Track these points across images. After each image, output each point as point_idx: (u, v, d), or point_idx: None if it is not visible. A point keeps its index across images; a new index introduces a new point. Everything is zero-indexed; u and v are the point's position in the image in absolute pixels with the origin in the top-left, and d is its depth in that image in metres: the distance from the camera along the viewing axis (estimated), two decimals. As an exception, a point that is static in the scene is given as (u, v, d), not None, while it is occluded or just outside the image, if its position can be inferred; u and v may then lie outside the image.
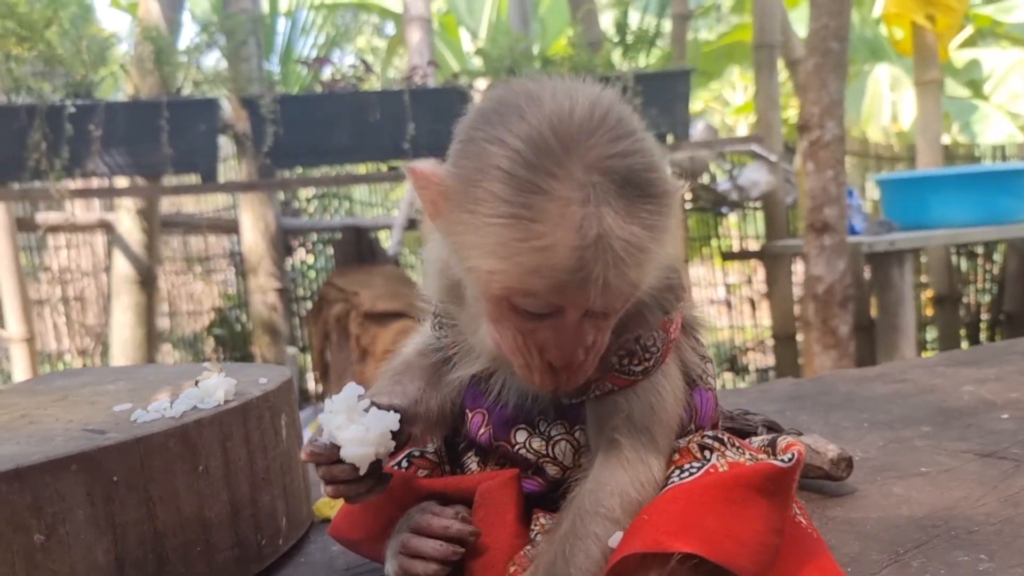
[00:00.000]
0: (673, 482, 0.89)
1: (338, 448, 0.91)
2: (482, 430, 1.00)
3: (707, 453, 0.93)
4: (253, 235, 5.40)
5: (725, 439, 0.96)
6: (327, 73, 4.61)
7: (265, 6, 5.89)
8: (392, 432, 0.93)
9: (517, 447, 0.98)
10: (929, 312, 6.74)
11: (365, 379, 4.47)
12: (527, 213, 0.76)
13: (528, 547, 0.94)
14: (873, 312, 5.59)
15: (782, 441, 1.05)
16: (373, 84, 4.57)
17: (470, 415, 1.02)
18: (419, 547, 0.93)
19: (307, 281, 6.58)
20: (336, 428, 0.91)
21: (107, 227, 5.56)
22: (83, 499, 1.00)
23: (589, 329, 0.83)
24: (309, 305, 6.13)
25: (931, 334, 6.78)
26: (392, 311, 4.34)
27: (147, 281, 4.97)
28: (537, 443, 0.97)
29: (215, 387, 1.18)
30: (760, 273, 6.84)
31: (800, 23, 6.85)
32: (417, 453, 1.10)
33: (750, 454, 0.97)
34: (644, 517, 0.85)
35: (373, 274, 4.76)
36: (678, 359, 0.99)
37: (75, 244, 6.01)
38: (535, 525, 0.97)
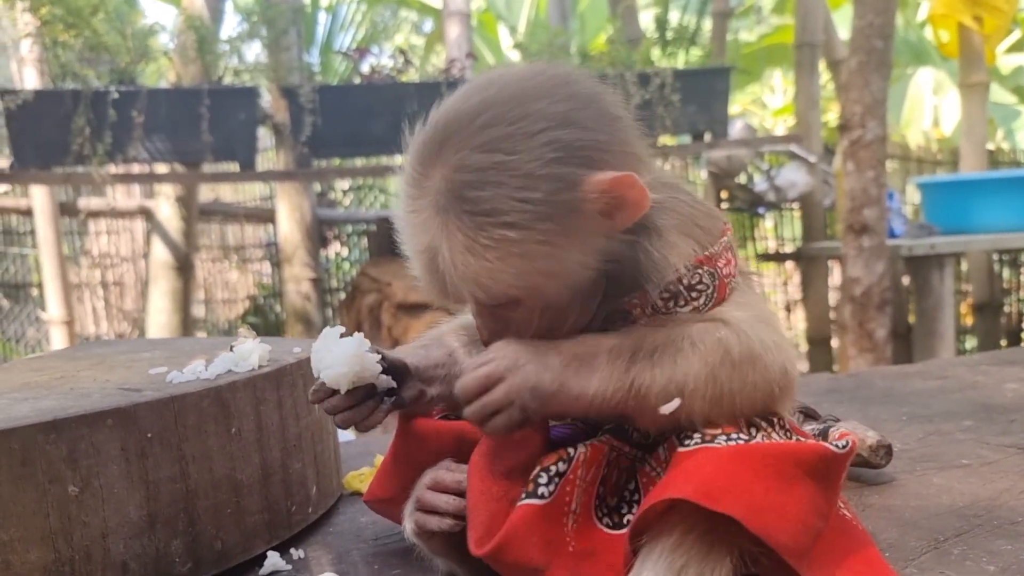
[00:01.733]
0: (719, 443, 0.87)
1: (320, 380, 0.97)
2: None
3: (752, 431, 0.91)
4: (289, 225, 5.44)
5: (775, 420, 0.94)
6: (366, 65, 4.63)
7: (307, 3, 5.94)
8: (386, 370, 0.98)
9: None
10: (968, 321, 6.61)
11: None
12: (397, 212, 0.89)
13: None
14: (911, 318, 5.50)
15: (835, 431, 1.03)
16: (411, 77, 4.58)
17: None
18: (434, 502, 0.94)
19: (340, 272, 6.62)
20: (317, 362, 0.97)
21: (147, 214, 5.64)
22: (117, 454, 1.00)
23: (501, 314, 0.90)
24: (342, 296, 6.16)
25: (970, 343, 6.66)
26: (424, 303, 4.36)
27: (184, 268, 5.03)
28: None
29: (250, 352, 1.19)
30: (795, 276, 6.76)
31: (843, 24, 6.76)
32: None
33: (798, 437, 0.95)
34: (700, 465, 0.83)
35: (406, 266, 4.77)
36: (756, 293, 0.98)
37: (115, 230, 6.10)
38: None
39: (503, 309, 0.89)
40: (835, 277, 6.20)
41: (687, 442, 0.88)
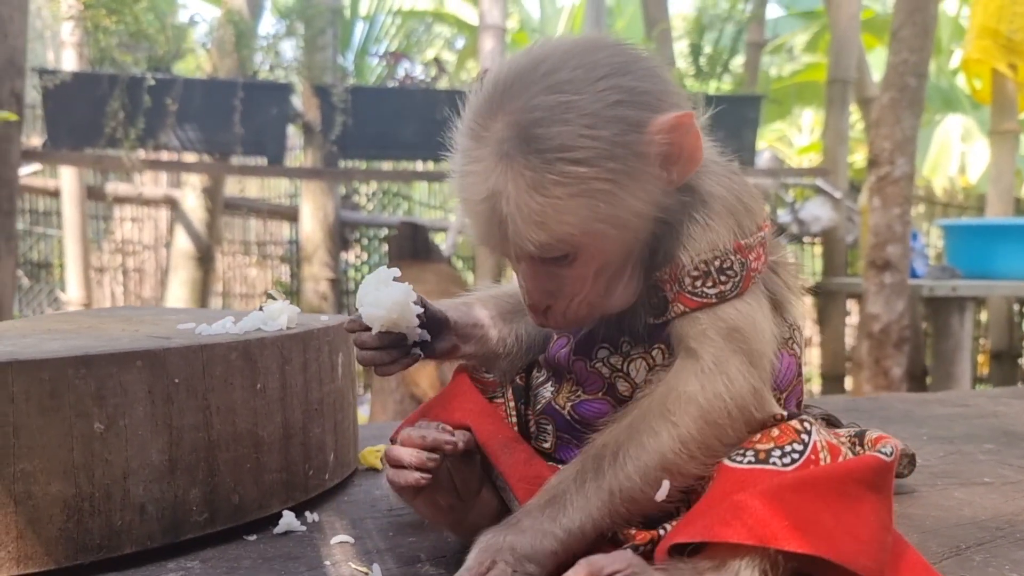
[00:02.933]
0: (774, 463, 0.86)
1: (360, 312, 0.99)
2: (563, 348, 1.00)
3: (806, 426, 0.90)
4: (312, 224, 5.47)
5: (816, 420, 0.94)
6: (402, 70, 4.67)
7: (346, 5, 6.00)
8: (424, 324, 0.99)
9: (594, 361, 0.98)
10: (984, 370, 6.55)
11: (409, 374, 4.49)
12: (454, 169, 0.89)
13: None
14: (927, 360, 5.46)
15: (871, 433, 1.03)
16: (444, 84, 4.62)
17: (556, 337, 1.03)
18: (399, 456, 0.94)
19: (360, 276, 6.64)
20: (363, 295, 0.98)
21: (172, 203, 5.68)
22: (144, 396, 1.01)
23: (553, 272, 0.89)
24: (359, 299, 6.19)
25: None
26: (441, 308, 4.35)
27: (205, 259, 5.06)
28: (615, 359, 0.97)
29: (279, 312, 1.19)
30: (812, 312, 6.73)
31: (875, 65, 6.77)
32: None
33: (840, 439, 0.95)
34: (752, 502, 0.81)
35: (426, 270, 4.78)
36: (767, 296, 0.97)
37: (140, 217, 6.15)
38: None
39: (558, 265, 0.89)
40: (853, 316, 6.17)
41: (738, 458, 0.87)
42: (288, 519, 1.12)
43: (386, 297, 0.96)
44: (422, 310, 0.98)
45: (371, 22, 6.73)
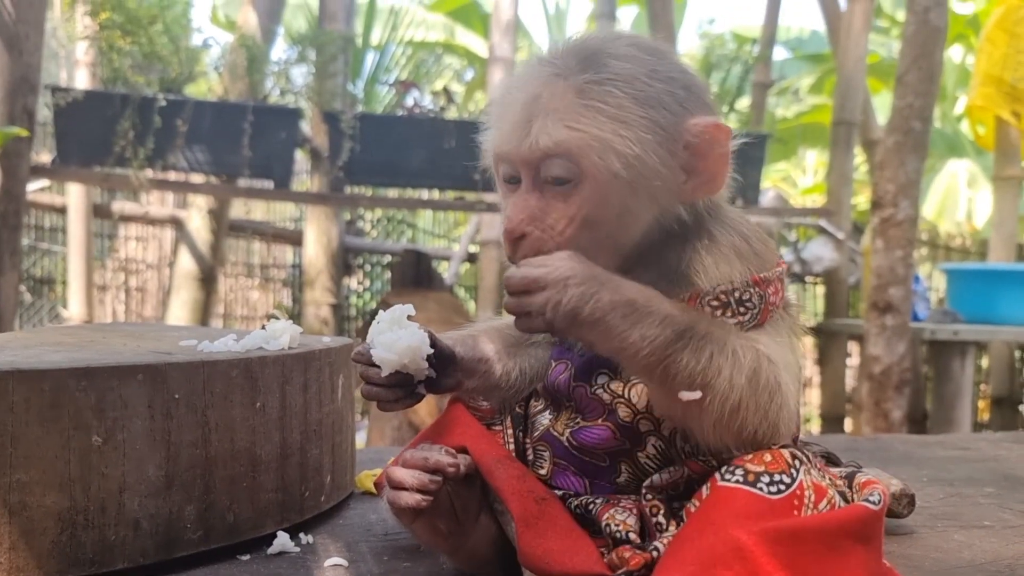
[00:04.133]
0: (761, 489, 0.87)
1: (372, 350, 0.99)
2: (562, 375, 1.00)
3: (797, 463, 0.90)
4: (315, 249, 5.48)
5: (810, 456, 0.95)
6: (411, 98, 4.71)
7: (358, 35, 6.07)
8: (431, 361, 0.99)
9: (595, 387, 0.98)
10: (985, 416, 6.52)
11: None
12: (503, 92, 0.96)
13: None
14: (927, 404, 5.43)
15: (860, 476, 1.03)
16: (452, 114, 4.65)
17: (554, 364, 1.03)
18: (401, 478, 0.94)
19: (362, 303, 6.65)
20: (376, 333, 0.99)
21: (177, 223, 5.70)
22: (144, 410, 1.00)
23: (546, 200, 0.92)
24: (359, 324, 6.19)
25: (985, 438, 6.55)
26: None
27: (207, 280, 5.06)
28: (615, 384, 0.97)
29: (281, 331, 1.20)
30: (813, 352, 6.72)
31: (880, 109, 6.83)
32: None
33: (830, 479, 0.96)
34: (753, 548, 0.82)
35: (428, 298, 4.78)
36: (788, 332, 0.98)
37: (145, 237, 6.17)
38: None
39: (555, 190, 0.92)
40: (853, 357, 6.15)
41: (728, 476, 0.88)
42: (282, 540, 1.11)
43: (400, 342, 0.97)
44: (432, 351, 0.99)
45: (382, 51, 6.80)
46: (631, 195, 0.91)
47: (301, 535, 1.16)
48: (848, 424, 5.55)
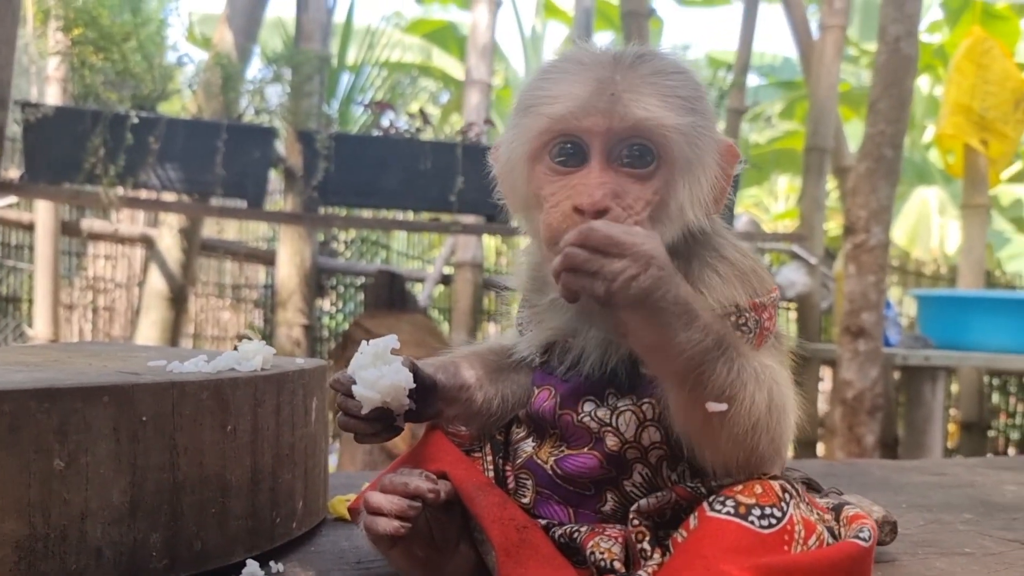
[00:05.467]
0: (752, 522, 0.86)
1: (353, 383, 0.95)
2: (547, 402, 0.98)
3: (787, 496, 0.89)
4: (288, 269, 5.42)
5: (800, 490, 0.94)
6: (387, 120, 4.69)
7: (334, 55, 6.05)
8: (412, 394, 0.96)
9: (582, 415, 0.95)
10: (951, 444, 6.57)
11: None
12: (551, 73, 0.92)
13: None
14: (899, 429, 5.47)
15: (849, 510, 1.02)
16: (428, 136, 4.64)
17: (536, 391, 1.00)
18: (379, 503, 0.91)
19: (335, 324, 6.59)
20: (358, 366, 0.96)
21: (148, 242, 5.63)
22: (109, 433, 0.97)
23: (621, 181, 0.89)
24: (331, 346, 6.12)
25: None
26: (416, 359, 4.31)
27: (178, 299, 4.99)
28: (602, 412, 0.95)
29: (254, 352, 1.16)
30: (786, 377, 6.74)
31: (851, 136, 6.91)
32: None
33: (818, 514, 0.95)
34: None
35: (402, 320, 4.75)
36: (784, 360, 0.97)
37: (114, 255, 6.08)
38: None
39: (632, 171, 0.90)
40: (825, 382, 6.19)
41: (718, 507, 0.86)
42: (252, 568, 1.07)
43: (384, 380, 0.94)
44: (414, 385, 0.96)
45: (358, 72, 6.79)
46: (693, 190, 0.91)
47: (272, 563, 1.12)
48: (821, 449, 5.56)
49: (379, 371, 0.94)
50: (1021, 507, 1.63)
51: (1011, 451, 6.75)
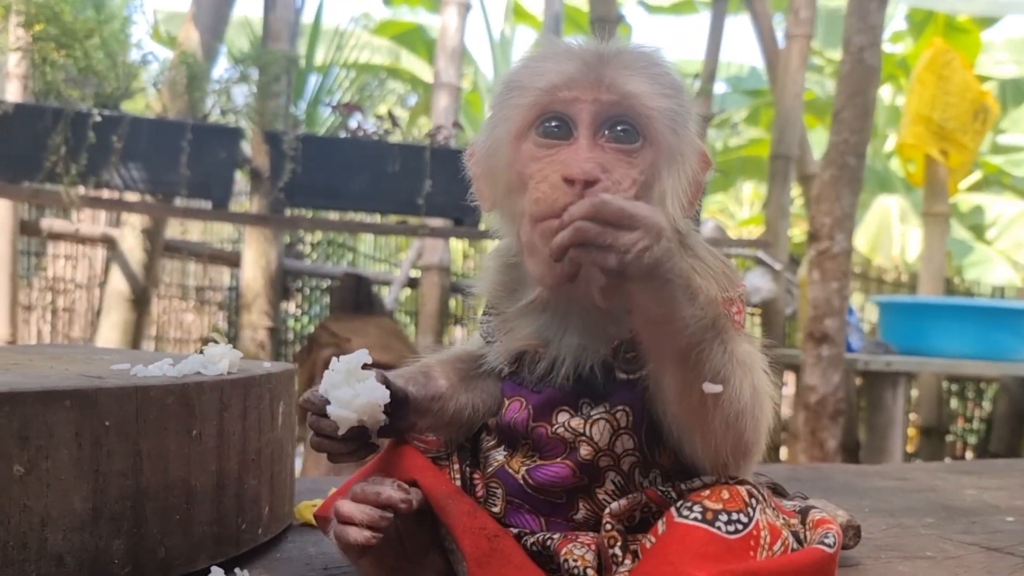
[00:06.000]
0: (719, 528, 0.86)
1: (327, 403, 0.93)
2: (519, 414, 0.97)
3: (753, 502, 0.90)
4: (253, 271, 5.37)
5: (765, 495, 0.94)
6: (354, 122, 4.67)
7: (302, 55, 6.01)
8: (385, 408, 0.94)
9: (555, 427, 0.95)
10: (910, 448, 6.69)
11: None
12: (537, 58, 0.94)
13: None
14: (860, 434, 5.55)
15: (815, 514, 1.03)
16: (396, 138, 4.62)
17: (507, 403, 1.00)
18: (349, 512, 0.90)
19: (300, 327, 6.53)
20: (331, 385, 0.93)
21: (109, 242, 5.53)
22: (71, 438, 0.95)
23: (609, 157, 0.89)
24: (296, 349, 6.07)
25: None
26: (382, 362, 4.27)
27: (140, 301, 4.91)
28: (576, 422, 0.95)
29: (220, 356, 1.15)
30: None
31: (815, 144, 7.00)
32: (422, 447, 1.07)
33: (784, 519, 0.96)
34: None
35: (368, 323, 4.72)
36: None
37: (74, 255, 5.97)
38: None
39: (618, 149, 0.90)
40: (788, 387, 6.25)
41: (685, 512, 0.87)
42: (217, 575, 1.06)
43: (359, 399, 0.92)
44: (388, 401, 0.94)
45: (326, 73, 6.75)
46: (674, 179, 0.91)
47: (237, 570, 1.10)
48: (784, 453, 5.63)
49: (353, 389, 0.92)
50: (980, 511, 1.66)
51: (968, 455, 6.88)
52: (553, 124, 0.90)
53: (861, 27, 4.21)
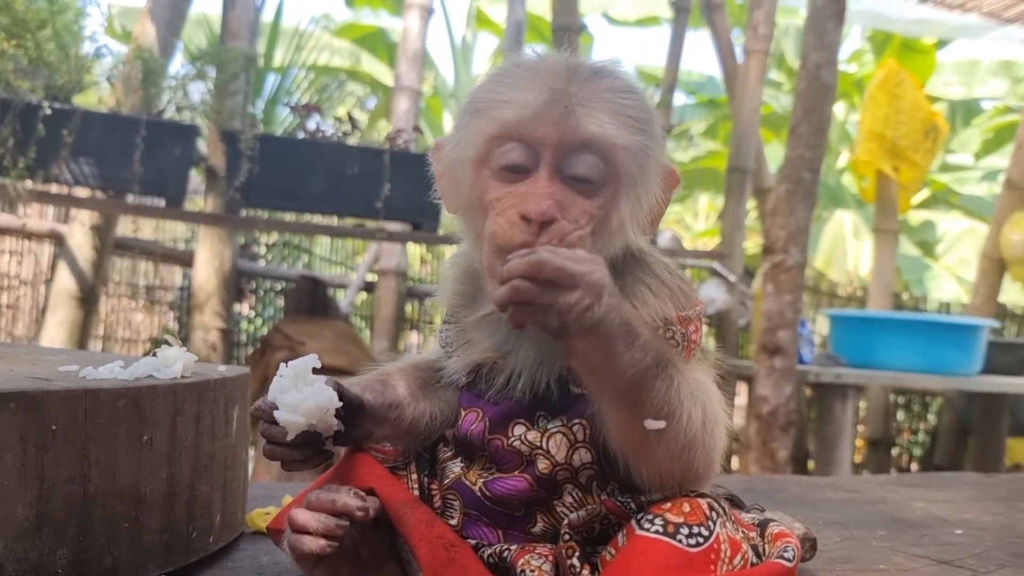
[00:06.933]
0: (680, 541, 0.86)
1: (275, 408, 0.92)
2: (475, 425, 0.96)
3: (714, 515, 0.89)
4: (206, 271, 5.27)
5: (726, 508, 0.94)
6: (313, 123, 4.62)
7: (261, 54, 5.93)
8: (339, 415, 0.93)
9: (512, 439, 0.94)
10: (858, 459, 6.80)
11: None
12: (506, 78, 0.91)
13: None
14: (810, 444, 5.63)
15: (774, 527, 1.03)
16: (355, 141, 4.58)
17: (463, 414, 0.98)
18: (304, 521, 0.89)
19: (252, 328, 6.43)
20: (279, 390, 0.92)
21: (57, 238, 5.40)
22: (15, 443, 0.91)
23: (568, 193, 0.88)
24: (249, 351, 5.98)
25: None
26: (336, 367, 4.23)
27: (88, 300, 4.79)
28: (533, 435, 0.94)
29: (174, 359, 1.12)
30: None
31: (771, 158, 7.11)
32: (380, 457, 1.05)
33: (743, 532, 0.96)
34: None
35: (323, 327, 4.66)
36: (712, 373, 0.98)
37: (19, 251, 5.81)
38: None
39: (578, 186, 0.89)
40: (741, 398, 6.33)
41: (647, 525, 0.86)
42: (165, 585, 1.03)
43: (307, 402, 0.90)
44: (340, 404, 0.93)
45: (284, 73, 6.68)
46: (635, 208, 0.91)
47: (186, 580, 1.07)
48: (735, 462, 5.69)
49: (301, 393, 0.91)
50: (930, 524, 1.69)
51: (914, 467, 7.01)
52: (515, 155, 0.89)
53: (818, 45, 4.28)
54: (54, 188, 4.33)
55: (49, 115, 3.95)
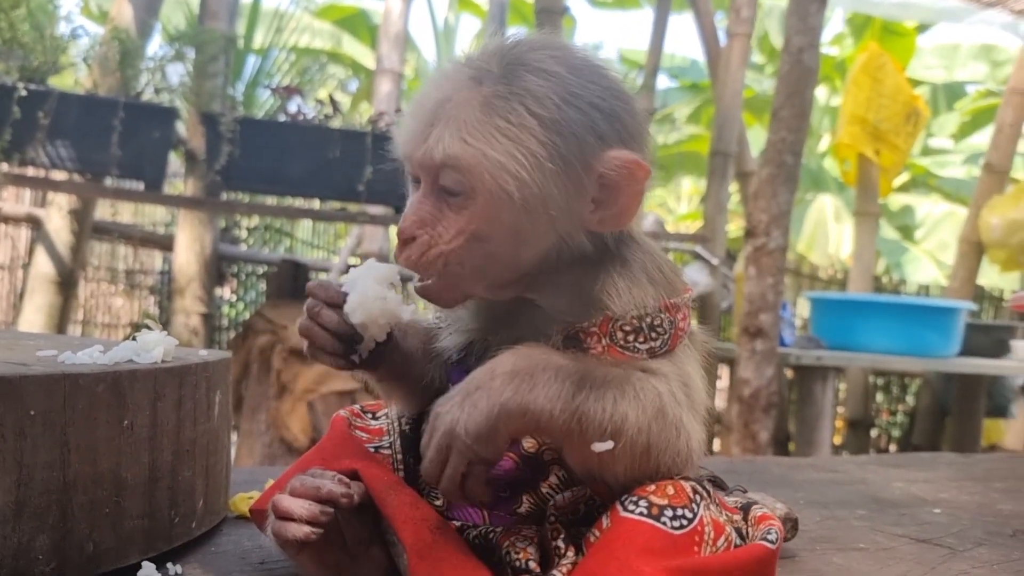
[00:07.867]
0: (664, 523, 0.86)
1: (344, 296, 0.93)
2: None
3: (698, 498, 0.89)
4: (187, 255, 5.24)
5: (710, 491, 0.94)
6: (294, 105, 4.57)
7: (241, 36, 5.87)
8: (388, 336, 0.95)
9: None
10: (837, 440, 6.87)
11: (280, 417, 4.32)
12: (417, 91, 0.93)
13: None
14: (790, 426, 5.68)
15: (756, 510, 1.03)
16: (337, 123, 4.55)
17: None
18: (288, 507, 0.88)
19: (234, 313, 6.40)
20: (360, 277, 0.94)
21: (34, 222, 5.34)
22: (-7, 428, 0.90)
23: (440, 209, 0.88)
24: (230, 335, 5.95)
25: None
26: (319, 351, 4.22)
27: (67, 284, 4.75)
28: None
29: (154, 343, 1.10)
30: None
31: (753, 142, 7.13)
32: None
33: (727, 515, 0.96)
34: None
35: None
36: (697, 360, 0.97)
37: (-4, 235, 5.75)
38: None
39: (447, 199, 0.88)
40: (723, 380, 6.37)
41: (631, 507, 0.86)
42: (147, 571, 1.02)
43: (388, 303, 0.92)
44: (407, 320, 0.97)
45: (265, 55, 6.61)
46: (524, 217, 0.87)
47: (169, 565, 1.07)
48: (717, 444, 5.73)
49: (383, 291, 0.93)
50: (909, 503, 1.71)
51: (892, 448, 7.10)
52: (409, 170, 0.93)
53: (800, 28, 4.28)
54: (30, 171, 4.27)
55: (24, 97, 3.89)
